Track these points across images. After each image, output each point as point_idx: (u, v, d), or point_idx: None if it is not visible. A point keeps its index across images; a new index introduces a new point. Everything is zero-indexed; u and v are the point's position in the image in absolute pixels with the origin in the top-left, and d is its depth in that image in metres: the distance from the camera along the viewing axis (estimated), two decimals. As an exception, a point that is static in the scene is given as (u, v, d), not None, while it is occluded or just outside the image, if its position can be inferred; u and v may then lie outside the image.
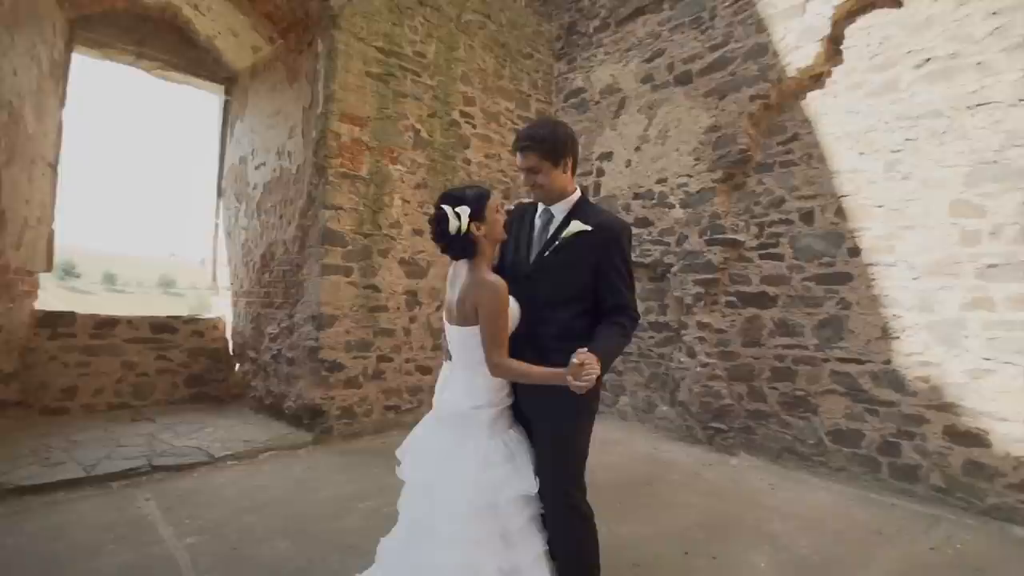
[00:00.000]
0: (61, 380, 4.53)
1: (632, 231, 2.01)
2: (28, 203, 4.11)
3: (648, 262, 5.05)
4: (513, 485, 1.77)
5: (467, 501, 1.72)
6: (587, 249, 1.84)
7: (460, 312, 1.81)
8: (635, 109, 5.26)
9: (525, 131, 1.92)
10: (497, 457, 1.80)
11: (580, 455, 1.89)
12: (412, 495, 1.88)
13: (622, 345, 1.88)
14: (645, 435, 4.90)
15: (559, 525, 1.86)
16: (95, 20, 4.82)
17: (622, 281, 1.87)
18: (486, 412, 1.82)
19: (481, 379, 1.82)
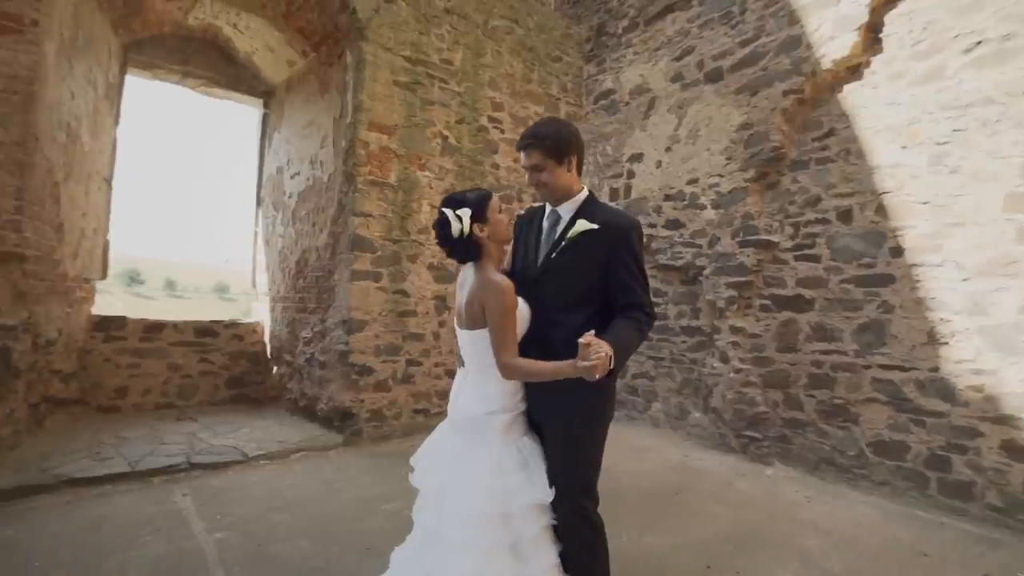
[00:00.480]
0: (114, 380, 4.82)
1: (643, 229, 1.96)
2: (85, 216, 4.42)
3: (680, 265, 4.92)
4: (527, 493, 1.73)
5: (479, 508, 1.68)
6: (595, 248, 1.79)
7: (468, 315, 1.80)
8: (665, 109, 5.15)
9: (529, 130, 1.90)
10: (511, 464, 1.76)
11: (592, 462, 1.84)
12: (425, 503, 1.86)
13: (635, 339, 1.78)
14: (677, 443, 4.76)
15: (569, 535, 1.81)
16: (145, 44, 5.15)
17: (634, 279, 1.80)
18: (499, 418, 1.78)
19: (494, 383, 1.80)
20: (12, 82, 3.13)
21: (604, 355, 1.52)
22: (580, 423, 1.80)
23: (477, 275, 1.80)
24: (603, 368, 1.53)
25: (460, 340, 1.90)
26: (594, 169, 5.96)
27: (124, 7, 4.50)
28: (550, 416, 1.83)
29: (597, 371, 1.52)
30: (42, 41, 3.24)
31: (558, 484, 1.76)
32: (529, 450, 1.82)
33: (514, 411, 1.82)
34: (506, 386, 1.80)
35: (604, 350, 1.53)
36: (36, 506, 3.07)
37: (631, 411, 5.39)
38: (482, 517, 1.68)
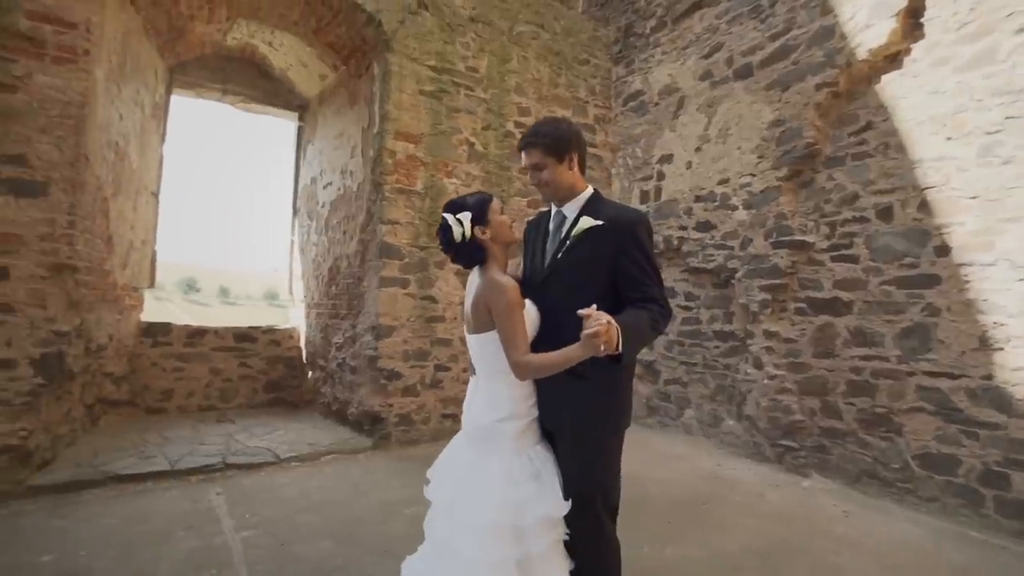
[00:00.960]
0: (160, 383, 5.09)
1: (651, 222, 1.87)
2: (133, 228, 4.70)
3: (711, 267, 4.78)
4: (538, 506, 1.66)
5: (489, 521, 1.63)
6: (601, 245, 1.73)
7: (475, 319, 1.77)
8: (694, 108, 5.03)
9: (528, 130, 1.90)
10: (522, 475, 1.70)
11: (607, 469, 1.77)
12: (436, 515, 1.81)
13: (647, 327, 1.67)
14: (710, 451, 4.61)
15: (582, 550, 1.75)
16: (189, 65, 5.45)
17: (644, 274, 1.73)
18: (511, 425, 1.74)
19: (504, 389, 1.76)
20: (67, 108, 3.37)
21: (606, 323, 1.47)
22: (591, 425, 1.74)
23: (481, 278, 1.78)
24: (608, 338, 1.47)
25: (469, 346, 1.87)
26: (624, 172, 5.88)
27: (169, 32, 4.78)
28: (560, 421, 1.78)
29: (601, 340, 1.46)
30: (93, 69, 3.48)
31: (571, 494, 1.70)
32: (541, 460, 1.76)
33: (526, 418, 1.77)
34: (517, 391, 1.76)
35: (605, 318, 1.48)
36: (86, 499, 3.27)
37: (663, 418, 5.25)
38: (492, 530, 1.62)
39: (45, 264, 3.31)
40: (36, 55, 3.30)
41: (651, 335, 1.72)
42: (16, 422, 3.23)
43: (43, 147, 3.30)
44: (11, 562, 2.54)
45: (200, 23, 4.87)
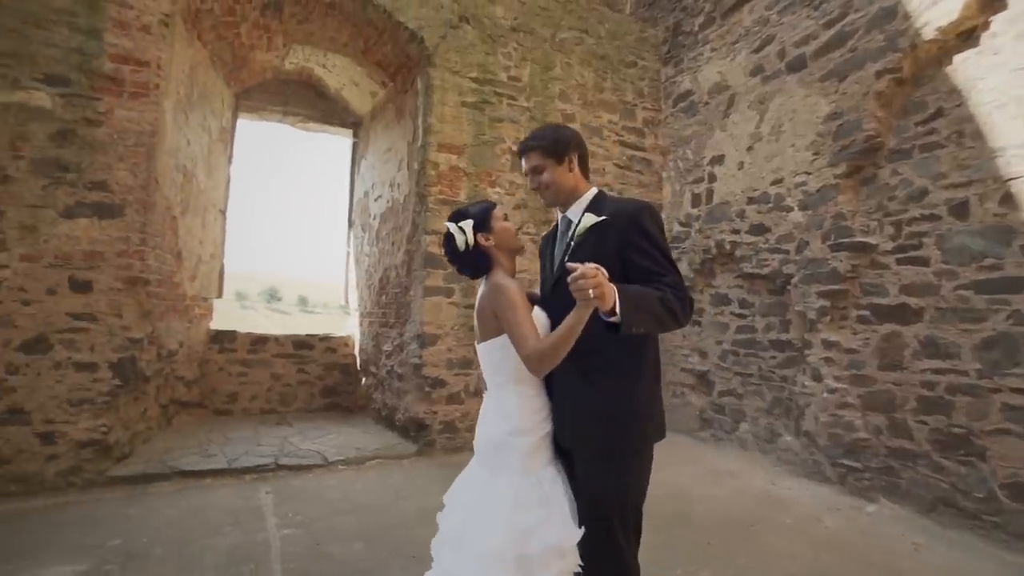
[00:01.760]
0: (227, 387, 5.48)
1: (657, 210, 1.71)
2: (201, 243, 5.11)
3: (766, 273, 4.50)
4: (545, 533, 1.54)
5: (494, 548, 1.52)
6: (606, 241, 1.65)
7: (481, 327, 1.73)
8: (745, 105, 4.77)
9: (527, 136, 1.88)
10: (529, 498, 1.58)
11: (625, 491, 1.62)
12: (443, 542, 1.70)
13: (654, 300, 1.52)
14: (766, 468, 4.31)
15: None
16: (252, 90, 5.88)
17: (655, 264, 1.61)
18: (520, 440, 1.63)
19: (512, 398, 1.68)
20: (140, 137, 3.73)
21: (591, 268, 1.37)
22: (604, 440, 1.61)
23: (485, 285, 1.73)
24: (597, 283, 1.36)
25: (479, 358, 1.80)
26: (675, 175, 5.68)
27: (233, 62, 5.19)
28: (573, 436, 1.67)
29: (588, 283, 1.36)
30: (162, 101, 3.84)
31: (585, 520, 1.60)
32: (551, 482, 1.64)
33: (536, 434, 1.66)
34: (527, 402, 1.68)
35: (592, 265, 1.38)
36: (154, 491, 3.57)
37: (717, 431, 4.98)
38: (495, 558, 1.52)
39: (121, 278, 3.66)
40: (116, 92, 3.68)
41: (663, 312, 1.53)
42: (98, 419, 3.58)
43: (121, 173, 3.67)
44: (88, 543, 2.82)
45: (260, 51, 5.25)
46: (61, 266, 3.50)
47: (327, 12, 4.77)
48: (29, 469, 3.41)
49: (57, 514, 3.17)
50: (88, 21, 3.63)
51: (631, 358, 1.65)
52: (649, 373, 1.70)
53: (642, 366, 1.68)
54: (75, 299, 3.53)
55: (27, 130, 3.48)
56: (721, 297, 5.03)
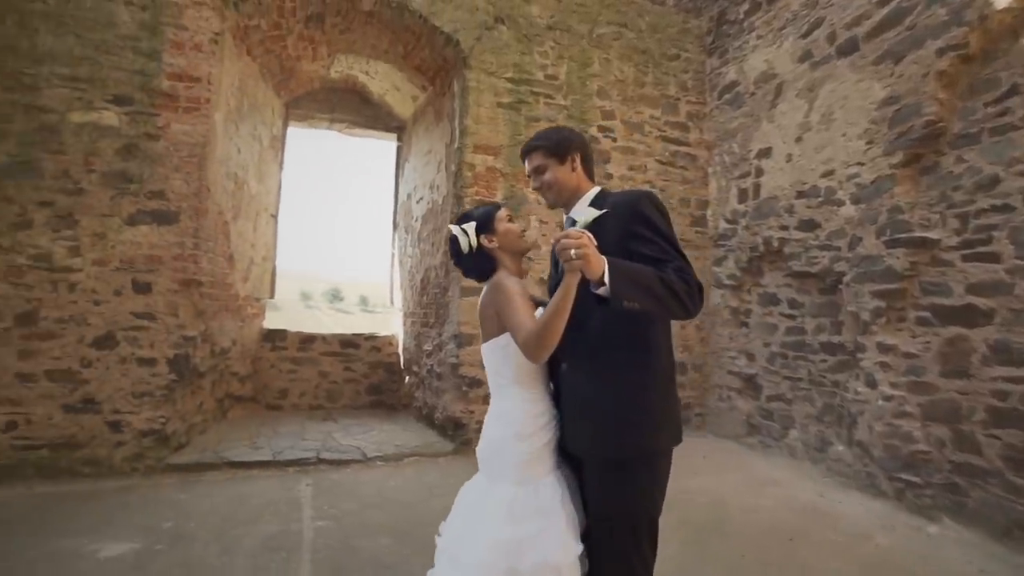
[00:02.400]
0: (278, 383, 5.77)
1: (656, 196, 1.62)
2: (253, 247, 5.41)
3: (816, 271, 4.23)
4: (539, 548, 1.46)
5: (481, 559, 1.47)
6: (607, 235, 1.56)
7: (483, 327, 1.69)
8: (793, 94, 4.51)
9: (529, 138, 1.86)
10: (525, 510, 1.51)
11: (635, 502, 1.53)
12: (442, 551, 1.64)
13: (651, 277, 1.43)
14: (816, 479, 4.05)
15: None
16: (301, 99, 6.17)
17: (660, 251, 1.52)
18: (519, 446, 1.57)
19: (512, 402, 1.63)
20: (192, 148, 4.00)
21: (576, 231, 1.36)
22: (610, 445, 1.53)
23: (487, 285, 1.71)
24: (581, 247, 1.33)
25: (484, 361, 1.77)
26: (721, 170, 5.45)
27: (281, 74, 5.46)
28: (582, 441, 1.59)
29: (571, 246, 1.33)
30: (212, 113, 4.09)
31: (593, 533, 1.54)
32: (551, 493, 1.55)
33: (537, 440, 1.59)
34: (528, 405, 1.62)
35: (579, 231, 1.37)
36: (205, 479, 3.81)
37: (765, 438, 4.74)
38: (484, 569, 1.46)
39: (177, 280, 3.94)
40: (173, 108, 3.96)
41: (662, 290, 1.43)
42: (157, 410, 3.87)
43: (176, 182, 3.95)
44: (144, 523, 3.05)
45: (307, 62, 5.49)
46: (125, 269, 3.81)
47: (366, 21, 4.92)
48: (100, 454, 3.73)
49: (121, 496, 3.45)
50: (149, 44, 3.93)
51: (642, 358, 1.58)
52: (661, 373, 1.62)
53: (653, 366, 1.59)
54: (137, 300, 3.83)
55: (98, 146, 3.81)
56: (769, 297, 4.78)
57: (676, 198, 5.56)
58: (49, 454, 3.63)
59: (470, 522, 1.57)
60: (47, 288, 3.67)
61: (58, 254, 3.70)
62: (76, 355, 3.70)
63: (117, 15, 3.87)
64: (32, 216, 3.68)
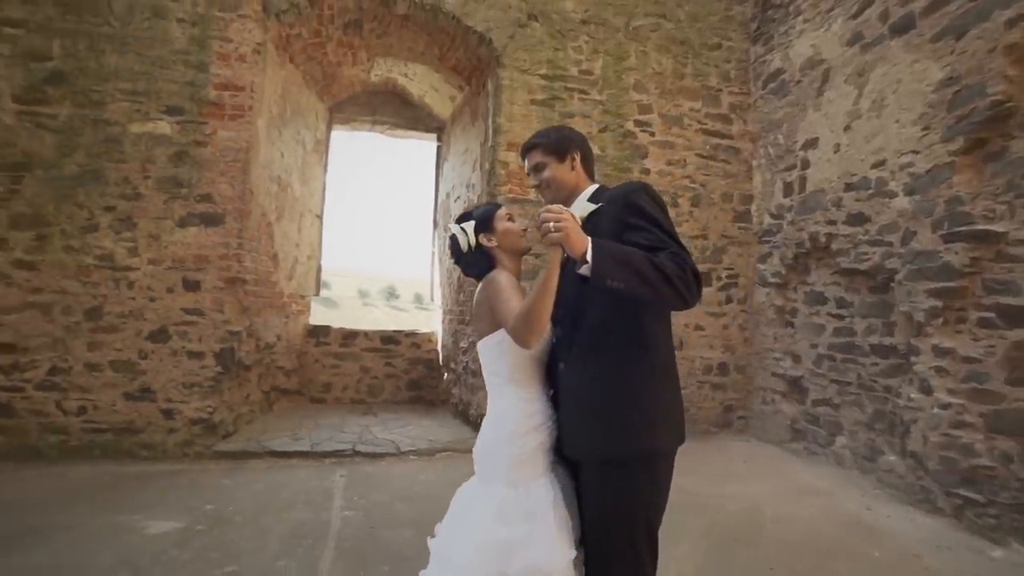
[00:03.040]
0: (321, 377, 6.01)
1: (651, 187, 1.57)
2: (298, 246, 5.66)
3: (866, 268, 3.95)
4: (527, 552, 1.44)
5: (469, 561, 1.46)
6: (603, 229, 1.53)
7: (478, 325, 1.68)
8: (841, 80, 4.22)
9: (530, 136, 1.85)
10: (515, 512, 1.48)
11: (636, 506, 1.48)
12: (431, 560, 1.62)
13: (641, 259, 1.38)
14: (864, 490, 3.79)
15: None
16: (344, 103, 6.38)
17: (652, 238, 1.47)
18: (510, 448, 1.55)
19: (506, 401, 1.62)
20: (237, 153, 4.24)
21: (557, 206, 1.37)
22: (614, 447, 1.47)
23: (481, 282, 1.71)
24: (560, 220, 1.34)
25: (480, 358, 1.77)
26: (765, 163, 5.20)
27: (323, 79, 5.68)
28: (578, 443, 1.56)
29: (551, 219, 1.35)
30: (255, 120, 4.32)
31: (588, 539, 1.51)
32: (541, 497, 1.52)
33: (529, 441, 1.56)
34: (522, 405, 1.59)
35: (560, 207, 1.39)
36: (248, 467, 4.03)
37: (811, 444, 4.48)
38: (472, 571, 1.45)
39: (222, 278, 4.18)
40: (219, 116, 4.21)
41: (651, 272, 1.36)
42: (205, 400, 4.13)
43: (222, 186, 4.19)
44: (189, 505, 3.27)
45: (347, 67, 5.68)
46: (176, 268, 4.09)
47: (402, 24, 5.03)
48: (155, 439, 4.02)
49: (172, 478, 3.71)
50: (198, 57, 4.19)
51: (639, 355, 1.53)
52: (661, 371, 1.57)
53: (651, 364, 1.55)
54: (187, 296, 4.10)
55: (153, 154, 4.10)
56: (816, 295, 4.50)
57: (718, 193, 5.34)
58: (113, 437, 3.96)
59: (460, 523, 1.56)
60: (110, 285, 4.00)
61: (119, 254, 4.02)
62: (135, 347, 4.01)
63: (171, 32, 4.15)
64: (98, 220, 4.01)
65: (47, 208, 3.94)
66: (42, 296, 3.91)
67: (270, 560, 2.69)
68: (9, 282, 3.89)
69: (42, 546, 2.71)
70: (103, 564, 2.57)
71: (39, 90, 3.98)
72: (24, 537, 2.79)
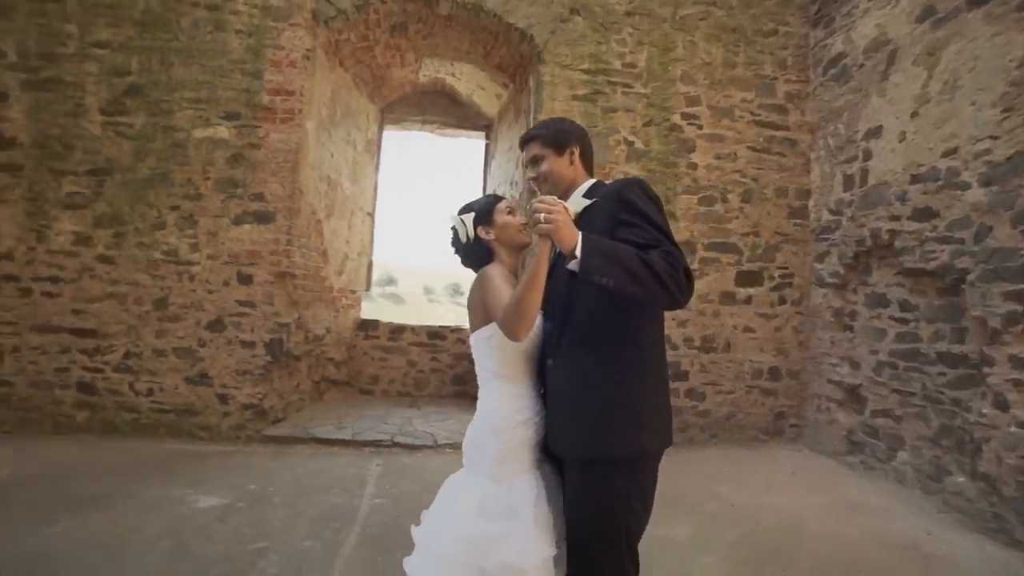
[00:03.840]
0: (370, 370, 6.24)
1: (646, 183, 1.53)
2: (348, 243, 5.91)
3: (933, 268, 3.60)
4: (504, 548, 1.43)
5: (448, 551, 1.48)
6: (596, 224, 1.51)
7: (471, 318, 1.67)
8: (909, 61, 3.86)
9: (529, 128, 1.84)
10: (496, 507, 1.49)
11: (615, 507, 1.46)
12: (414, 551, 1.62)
13: (631, 256, 1.34)
14: (927, 512, 3.46)
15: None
16: (395, 104, 6.58)
17: (644, 235, 1.44)
18: (493, 443, 1.56)
19: (493, 395, 1.62)
20: (287, 155, 4.48)
21: (550, 198, 1.36)
22: (594, 446, 1.46)
23: (476, 276, 1.71)
24: (550, 212, 1.34)
25: (472, 352, 1.76)
26: (825, 155, 4.85)
27: (373, 81, 5.88)
28: (561, 441, 1.55)
29: (542, 210, 1.34)
30: (304, 123, 4.54)
31: (568, 538, 1.51)
32: (523, 493, 1.51)
33: (513, 437, 1.55)
34: (508, 400, 1.59)
35: (552, 198, 1.38)
36: (293, 451, 4.26)
37: (869, 458, 4.14)
38: (453, 563, 1.46)
39: (273, 272, 4.44)
40: (271, 119, 4.47)
41: (641, 270, 1.33)
42: (256, 387, 4.41)
43: (273, 186, 4.45)
44: (235, 484, 3.51)
45: (396, 69, 5.85)
46: (231, 263, 4.39)
47: (446, 25, 5.12)
48: (211, 421, 4.34)
49: (223, 459, 3.99)
50: (253, 65, 4.47)
51: (627, 354, 1.51)
52: (649, 371, 1.54)
53: (639, 363, 1.52)
54: (241, 289, 4.39)
55: (213, 157, 4.42)
56: (878, 298, 4.15)
57: (771, 188, 5.04)
58: (175, 418, 4.32)
59: (444, 513, 1.58)
60: (175, 278, 4.36)
61: (183, 250, 4.37)
62: (195, 336, 4.34)
63: (229, 43, 4.46)
64: (166, 218, 4.38)
65: (124, 208, 4.35)
66: (118, 287, 4.32)
67: (298, 540, 2.83)
68: (93, 275, 4.33)
69: (105, 510, 3.01)
70: (152, 532, 2.82)
71: (119, 102, 4.40)
72: (91, 501, 3.11)
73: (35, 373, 4.27)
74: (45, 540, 2.68)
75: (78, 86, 4.37)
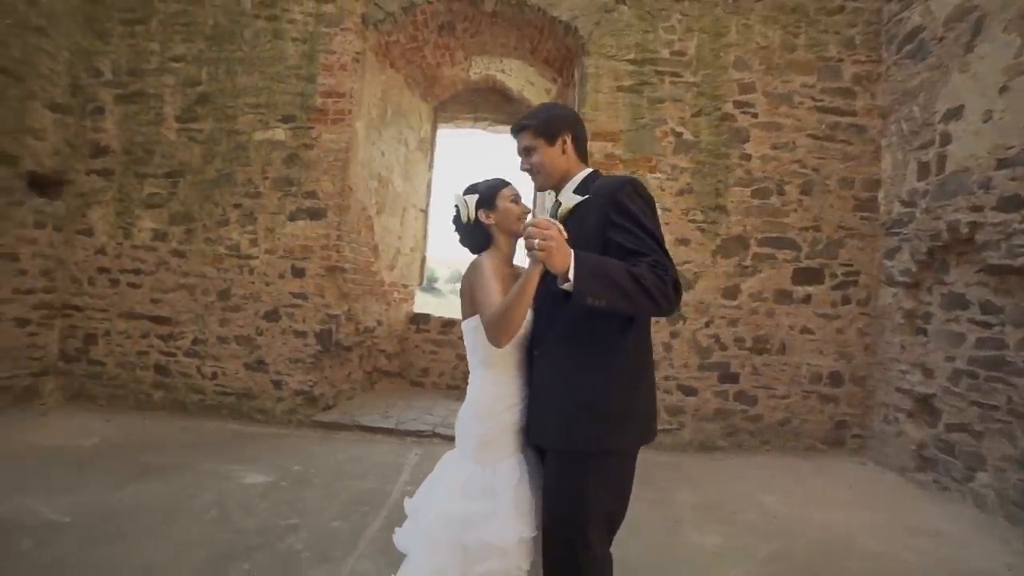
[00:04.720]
0: (420, 362, 6.42)
1: (640, 183, 1.51)
2: (400, 239, 6.11)
3: (1020, 264, 3.18)
4: (483, 527, 1.49)
5: (430, 526, 1.54)
6: (587, 222, 1.52)
7: (463, 305, 1.70)
8: (999, 28, 3.42)
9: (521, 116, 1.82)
10: (479, 488, 1.54)
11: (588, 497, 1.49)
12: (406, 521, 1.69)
13: (622, 273, 1.36)
14: (1008, 543, 3.06)
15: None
16: (447, 102, 6.71)
17: (637, 242, 1.44)
18: (476, 427, 1.61)
19: (478, 381, 1.66)
20: (338, 154, 4.70)
21: (545, 220, 1.35)
22: (570, 437, 1.49)
23: (471, 262, 1.72)
24: (546, 239, 1.31)
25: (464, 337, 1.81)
26: (897, 141, 4.42)
27: (425, 81, 6.04)
28: (541, 431, 1.58)
29: (535, 235, 1.32)
30: (354, 123, 4.75)
31: (543, 526, 1.55)
32: (506, 476, 1.56)
33: (496, 423, 1.60)
34: (492, 388, 1.63)
35: (548, 219, 1.37)
36: (339, 437, 4.48)
37: (942, 476, 3.73)
38: (436, 537, 1.52)
39: (324, 266, 4.69)
40: (323, 120, 4.71)
41: (632, 287, 1.35)
42: (307, 375, 4.67)
43: (325, 184, 4.69)
44: (281, 464, 3.73)
45: (447, 68, 5.97)
46: (286, 257, 4.68)
47: (492, 22, 5.16)
48: (266, 405, 4.65)
49: (275, 441, 4.27)
50: (308, 70, 4.73)
51: (607, 353, 1.52)
52: (632, 371, 1.55)
53: (618, 362, 1.53)
54: (294, 282, 4.67)
55: (271, 157, 4.73)
56: (955, 298, 3.72)
57: (835, 178, 4.66)
58: (235, 401, 4.67)
59: (431, 490, 1.65)
60: (236, 271, 4.71)
61: (243, 244, 4.71)
62: (253, 325, 4.67)
63: (286, 50, 4.74)
64: (229, 215, 4.74)
65: (194, 207, 4.76)
66: (188, 279, 4.73)
67: (327, 520, 2.98)
68: (168, 267, 4.77)
69: (162, 480, 3.32)
70: (200, 502, 3.07)
71: (191, 110, 4.81)
72: (157, 471, 3.45)
73: (121, 355, 4.77)
74: (117, 500, 3.00)
75: (158, 97, 4.83)
